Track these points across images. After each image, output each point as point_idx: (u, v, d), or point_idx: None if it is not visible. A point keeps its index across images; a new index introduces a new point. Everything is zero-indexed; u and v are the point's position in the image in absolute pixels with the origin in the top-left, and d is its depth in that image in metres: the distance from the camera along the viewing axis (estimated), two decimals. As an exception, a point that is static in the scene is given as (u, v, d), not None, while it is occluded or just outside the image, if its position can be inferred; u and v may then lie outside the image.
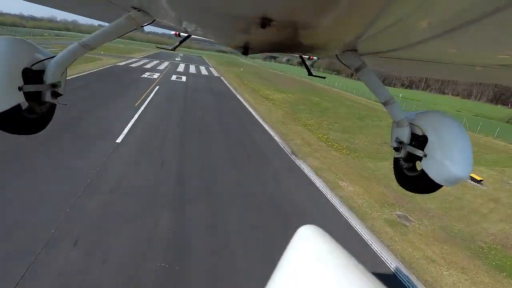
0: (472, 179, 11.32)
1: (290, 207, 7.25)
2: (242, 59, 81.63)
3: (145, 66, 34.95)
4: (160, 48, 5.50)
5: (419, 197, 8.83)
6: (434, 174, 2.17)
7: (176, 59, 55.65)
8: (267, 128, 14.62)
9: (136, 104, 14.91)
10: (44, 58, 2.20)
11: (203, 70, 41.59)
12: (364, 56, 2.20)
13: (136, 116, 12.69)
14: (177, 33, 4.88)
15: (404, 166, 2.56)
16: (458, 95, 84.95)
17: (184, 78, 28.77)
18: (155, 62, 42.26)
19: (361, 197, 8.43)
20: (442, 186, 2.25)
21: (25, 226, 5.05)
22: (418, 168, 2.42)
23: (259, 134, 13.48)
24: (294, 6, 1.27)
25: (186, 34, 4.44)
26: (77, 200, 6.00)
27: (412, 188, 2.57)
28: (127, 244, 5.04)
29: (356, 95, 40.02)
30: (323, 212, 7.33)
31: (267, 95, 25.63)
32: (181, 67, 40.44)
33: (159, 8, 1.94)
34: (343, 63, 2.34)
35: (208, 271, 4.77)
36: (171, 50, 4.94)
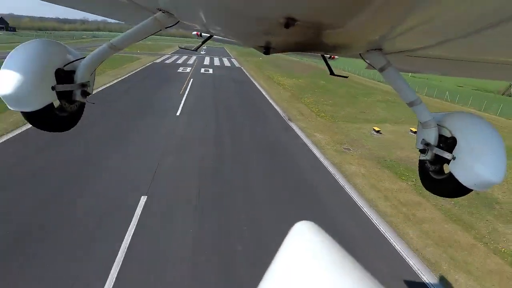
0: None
1: (273, 138, 12.82)
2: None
3: (177, 62, 41.29)
4: (182, 48, 5.69)
5: (364, 140, 13.97)
6: (463, 177, 2.09)
7: (201, 52, 61.74)
8: (273, 104, 20.08)
9: (181, 92, 20.97)
10: (74, 59, 2.32)
11: (226, 62, 47.30)
12: (389, 55, 2.14)
13: (183, 100, 18.72)
14: (199, 33, 4.99)
15: (430, 169, 2.50)
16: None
17: (211, 70, 34.64)
18: (184, 57, 48.57)
19: (325, 140, 13.74)
20: (471, 190, 2.15)
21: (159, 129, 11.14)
22: (446, 171, 2.37)
23: (267, 108, 19.00)
24: (320, 5, 1.25)
25: (208, 35, 4.46)
26: (170, 134, 12.04)
27: (439, 192, 2.49)
28: (199, 132, 10.94)
29: (363, 76, 43.71)
30: (296, 144, 12.83)
31: (280, 81, 30.80)
32: (206, 60, 46.39)
33: (184, 10, 2.05)
34: (367, 62, 2.33)
35: (228, 118, 10.57)
36: (193, 50, 4.99)
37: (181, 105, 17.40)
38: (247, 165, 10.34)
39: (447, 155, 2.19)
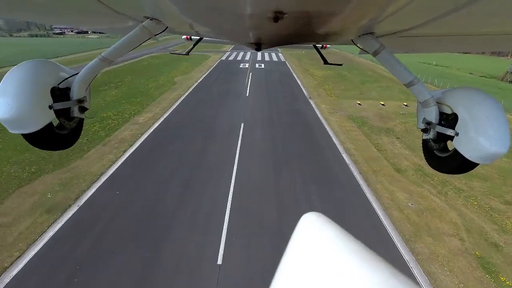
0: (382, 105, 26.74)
1: (297, 106, 25.13)
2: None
3: (237, 59, 54.78)
4: (173, 53, 5.93)
5: (348, 108, 25.48)
6: (468, 152, 2.09)
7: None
8: (302, 89, 32.11)
9: (245, 83, 34.10)
10: (68, 76, 2.34)
11: (274, 57, 59.48)
12: (382, 38, 2.13)
13: (248, 88, 31.81)
14: (188, 37, 5.10)
15: (434, 147, 2.49)
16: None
17: (263, 65, 47.35)
18: (241, 53, 61.96)
19: (326, 108, 25.54)
20: (478, 164, 2.15)
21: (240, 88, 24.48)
22: (450, 148, 2.35)
23: (298, 91, 31.14)
24: None
25: (198, 37, 4.43)
26: (245, 104, 25.23)
27: (445, 169, 2.49)
28: (259, 103, 23.92)
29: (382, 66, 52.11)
30: (309, 109, 25.04)
31: (312, 73, 42.17)
32: (259, 56, 59.12)
33: (171, 15, 2.04)
34: (360, 48, 2.32)
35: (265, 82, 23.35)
36: (185, 54, 4.94)
37: (248, 90, 30.49)
38: (282, 116, 22.94)
39: (450, 132, 2.20)
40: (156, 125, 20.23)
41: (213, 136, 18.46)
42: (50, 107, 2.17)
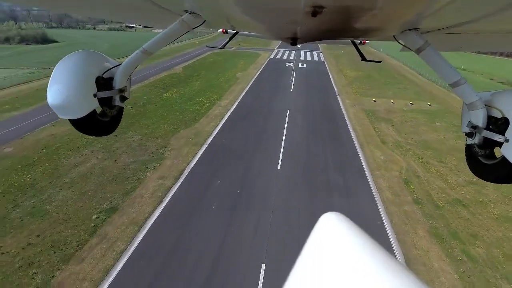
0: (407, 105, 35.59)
1: (327, 100, 35.17)
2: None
3: (283, 58, 65.03)
4: (209, 47, 6.27)
5: (365, 104, 34.90)
6: None
7: (298, 46, 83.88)
8: (334, 86, 41.71)
9: (290, 80, 44.49)
10: (112, 66, 2.48)
11: (315, 56, 68.60)
12: (427, 35, 2.01)
13: (292, 82, 42.25)
14: (225, 30, 5.13)
15: (479, 153, 2.33)
16: None
17: (305, 65, 57.14)
18: (286, 52, 71.93)
19: (349, 102, 35.12)
20: None
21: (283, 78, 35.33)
22: (497, 155, 2.22)
23: (330, 88, 40.88)
24: None
25: (234, 31, 4.55)
26: (290, 97, 35.95)
27: (490, 177, 2.35)
28: (300, 96, 34.51)
29: (411, 68, 58.78)
30: (335, 103, 34.96)
31: (346, 73, 51.06)
32: (302, 55, 68.68)
33: (210, 9, 2.09)
34: (402, 44, 2.17)
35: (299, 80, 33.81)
36: (221, 48, 5.08)
37: (292, 86, 40.90)
38: (316, 106, 33.20)
39: (498, 138, 2.04)
40: (233, 107, 31.81)
41: (270, 116, 29.54)
42: (95, 95, 2.33)
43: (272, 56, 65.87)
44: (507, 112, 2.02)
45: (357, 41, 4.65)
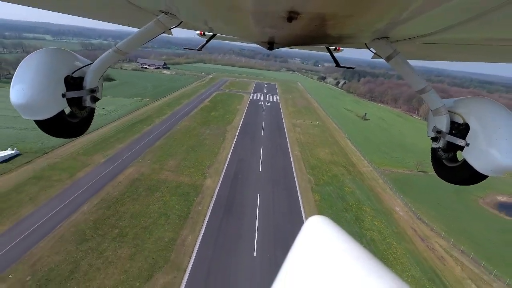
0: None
1: (278, 118, 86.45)
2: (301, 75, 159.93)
3: (258, 98, 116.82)
4: (186, 49, 6.01)
5: (294, 121, 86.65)
6: (478, 164, 2.06)
7: (264, 90, 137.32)
8: (282, 115, 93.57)
9: (262, 110, 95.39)
10: (83, 66, 2.37)
11: (274, 99, 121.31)
12: (396, 43, 2.12)
13: (264, 111, 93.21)
14: (202, 32, 5.11)
15: (443, 157, 2.46)
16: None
17: (268, 103, 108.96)
18: (259, 95, 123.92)
19: (288, 121, 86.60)
20: (487, 176, 2.11)
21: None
22: (459, 158, 2.33)
23: (280, 113, 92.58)
24: None
25: (211, 33, 4.51)
26: (262, 115, 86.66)
27: (453, 180, 2.46)
28: (257, 120, 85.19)
29: (323, 109, 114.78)
30: (280, 120, 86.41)
31: (288, 108, 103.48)
32: (267, 97, 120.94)
33: (187, 10, 2.06)
34: (373, 52, 2.32)
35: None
36: (198, 50, 5.04)
37: (264, 112, 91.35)
38: (272, 119, 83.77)
39: (460, 142, 2.16)
40: (240, 123, 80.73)
41: (258, 120, 79.70)
42: (63, 95, 2.20)
43: (251, 97, 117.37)
44: (467, 118, 2.18)
45: (332, 48, 4.75)
